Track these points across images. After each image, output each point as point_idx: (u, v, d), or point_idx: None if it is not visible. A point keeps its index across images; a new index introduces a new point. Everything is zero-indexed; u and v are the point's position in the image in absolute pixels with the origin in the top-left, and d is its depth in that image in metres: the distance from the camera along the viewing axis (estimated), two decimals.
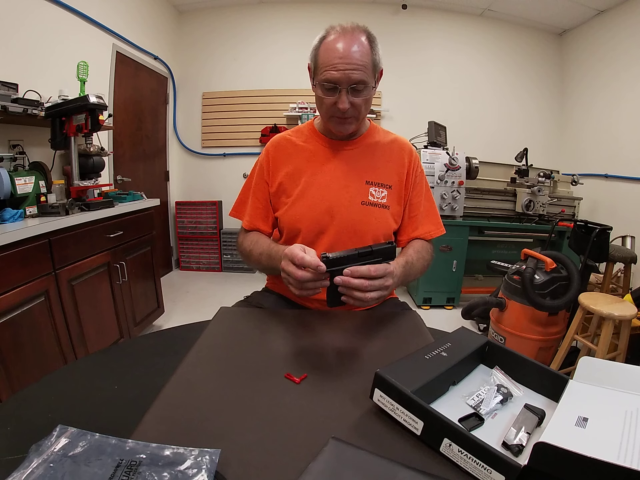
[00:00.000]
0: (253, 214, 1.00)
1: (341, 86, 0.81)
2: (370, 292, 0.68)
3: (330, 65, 0.81)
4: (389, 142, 1.00)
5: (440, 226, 1.03)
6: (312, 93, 0.92)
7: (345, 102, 0.82)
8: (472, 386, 0.53)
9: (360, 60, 0.80)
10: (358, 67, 0.80)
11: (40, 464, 0.35)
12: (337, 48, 0.81)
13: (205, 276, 3.71)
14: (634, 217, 2.87)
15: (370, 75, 0.83)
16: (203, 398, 0.50)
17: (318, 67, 0.85)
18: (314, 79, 0.88)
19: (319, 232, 0.94)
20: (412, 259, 0.90)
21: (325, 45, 0.83)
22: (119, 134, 2.86)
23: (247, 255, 0.97)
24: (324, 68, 0.82)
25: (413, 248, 0.95)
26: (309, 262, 0.66)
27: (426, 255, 0.96)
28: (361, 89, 0.83)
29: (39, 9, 2.04)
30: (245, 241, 0.98)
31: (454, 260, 2.85)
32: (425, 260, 0.95)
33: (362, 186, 0.95)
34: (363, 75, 0.81)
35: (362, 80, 0.81)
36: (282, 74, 3.67)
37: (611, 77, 3.21)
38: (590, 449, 0.35)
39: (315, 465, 0.37)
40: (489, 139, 3.81)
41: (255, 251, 0.93)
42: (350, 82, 0.81)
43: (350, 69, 0.80)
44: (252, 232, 1.00)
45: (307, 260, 0.66)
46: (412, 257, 0.90)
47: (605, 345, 1.59)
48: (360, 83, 0.82)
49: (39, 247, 1.43)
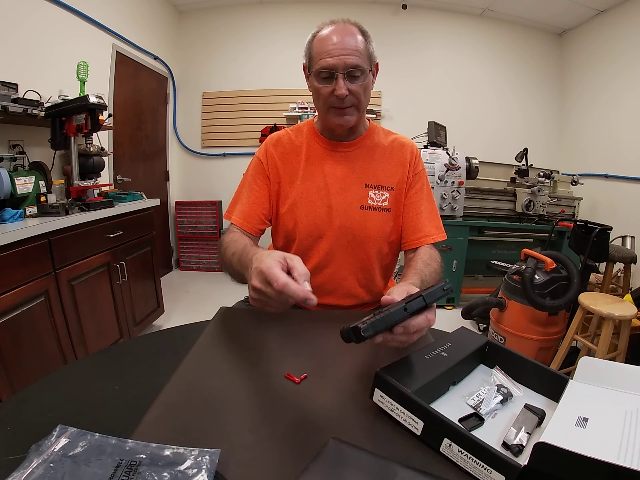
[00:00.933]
0: (245, 210, 0.93)
1: (337, 71, 0.80)
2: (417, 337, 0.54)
3: (325, 52, 0.80)
4: (390, 142, 0.97)
5: (442, 231, 0.97)
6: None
7: (343, 88, 0.80)
8: (472, 386, 0.53)
9: (354, 46, 0.80)
10: (353, 52, 0.80)
11: (40, 464, 0.35)
12: (330, 37, 0.81)
13: (205, 276, 3.71)
14: (634, 217, 2.87)
15: (365, 62, 0.82)
16: (203, 398, 0.50)
17: (313, 59, 0.84)
18: (310, 70, 0.86)
19: (317, 237, 0.93)
20: (425, 276, 0.79)
21: (318, 37, 0.83)
22: (119, 134, 2.86)
23: (222, 255, 0.85)
24: (318, 57, 0.82)
25: (422, 261, 0.85)
26: (295, 293, 0.50)
27: (436, 266, 0.86)
28: (358, 74, 0.81)
29: (39, 9, 2.04)
30: (226, 238, 0.87)
31: (454, 260, 2.85)
32: (437, 273, 0.85)
33: (361, 189, 0.93)
34: (358, 60, 0.80)
35: (358, 65, 0.80)
36: (282, 74, 3.67)
37: (611, 77, 3.21)
38: (590, 449, 0.35)
39: (315, 465, 0.37)
40: (489, 139, 3.81)
41: (229, 250, 0.81)
42: (346, 67, 0.80)
43: (345, 54, 0.79)
44: (237, 231, 0.91)
45: (293, 289, 0.50)
46: (424, 274, 0.79)
47: (605, 345, 1.59)
48: (357, 68, 0.80)
49: (39, 247, 1.43)
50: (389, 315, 0.47)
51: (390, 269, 1.04)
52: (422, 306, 0.50)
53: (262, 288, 0.55)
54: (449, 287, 0.53)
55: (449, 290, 0.53)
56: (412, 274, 0.79)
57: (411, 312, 0.49)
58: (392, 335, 0.49)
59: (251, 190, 0.95)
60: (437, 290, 0.52)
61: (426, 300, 0.50)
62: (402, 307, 0.48)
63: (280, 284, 0.50)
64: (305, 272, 0.53)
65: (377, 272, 0.99)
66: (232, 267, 0.79)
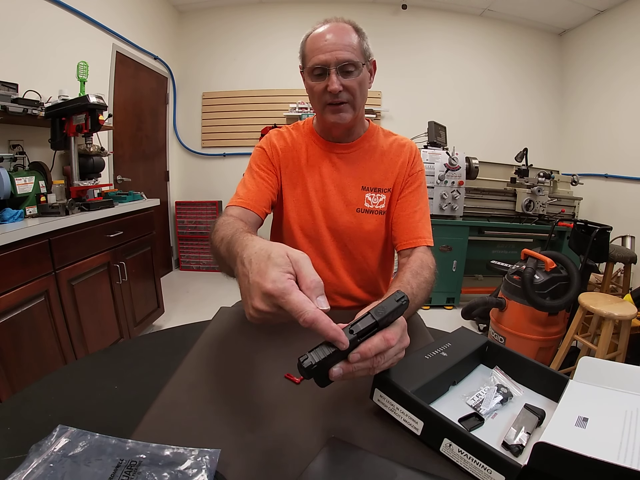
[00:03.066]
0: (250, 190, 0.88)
1: (330, 67, 0.79)
2: (387, 362, 0.44)
3: (317, 49, 0.80)
4: (389, 143, 0.96)
5: (431, 237, 0.90)
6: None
7: (335, 83, 0.79)
8: (472, 386, 0.53)
9: (346, 41, 0.80)
10: (345, 48, 0.79)
11: (40, 464, 0.35)
12: (323, 34, 0.80)
13: (205, 276, 3.71)
14: (634, 217, 2.87)
15: (359, 57, 0.81)
16: (203, 398, 0.50)
17: (306, 57, 0.84)
18: (303, 69, 0.86)
19: (314, 239, 0.93)
20: (412, 288, 0.70)
21: (312, 36, 0.83)
22: (119, 134, 2.86)
23: (211, 240, 0.71)
24: (311, 55, 0.81)
25: (411, 271, 0.75)
26: (325, 332, 0.38)
27: (427, 274, 0.77)
28: (351, 69, 0.80)
29: (39, 9, 2.04)
30: (219, 220, 0.75)
31: (454, 260, 2.85)
32: (428, 283, 0.76)
33: (358, 192, 0.92)
34: (351, 55, 0.79)
35: (350, 60, 0.79)
36: (282, 74, 3.67)
37: (611, 77, 3.21)
38: (590, 449, 0.35)
39: (315, 465, 0.37)
40: (489, 139, 3.81)
41: (219, 234, 0.66)
42: (339, 62, 0.79)
43: (337, 49, 0.79)
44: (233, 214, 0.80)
45: (323, 327, 0.37)
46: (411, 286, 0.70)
47: (605, 345, 1.59)
48: (349, 63, 0.79)
49: (39, 247, 1.43)
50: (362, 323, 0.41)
51: (388, 269, 1.04)
52: (371, 324, 0.41)
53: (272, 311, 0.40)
54: (402, 297, 0.43)
55: (403, 301, 0.43)
56: (396, 286, 0.70)
57: (359, 333, 0.40)
58: (350, 365, 0.40)
59: (256, 175, 0.91)
60: (387, 304, 0.43)
61: (374, 316, 0.41)
62: (346, 329, 0.40)
63: (309, 320, 0.37)
64: (318, 283, 0.40)
65: (375, 273, 0.99)
66: (220, 254, 0.63)
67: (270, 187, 0.91)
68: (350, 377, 0.41)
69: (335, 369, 0.40)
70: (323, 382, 0.41)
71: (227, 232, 0.63)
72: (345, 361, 0.40)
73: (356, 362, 0.40)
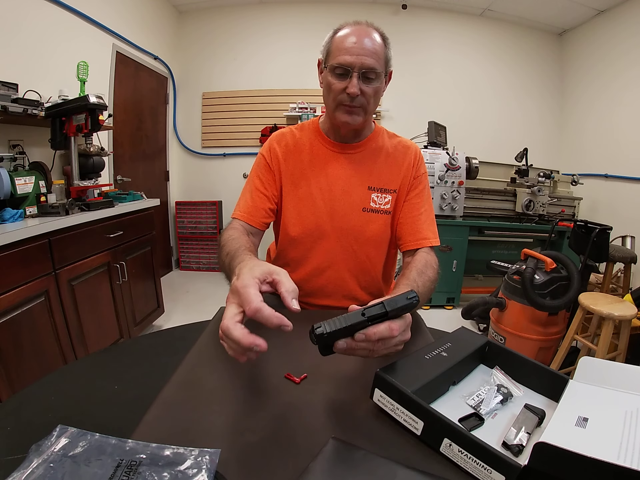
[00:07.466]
0: (249, 204, 0.92)
1: (353, 70, 0.80)
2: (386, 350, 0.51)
3: (344, 49, 0.80)
4: (394, 145, 0.97)
5: (437, 237, 0.93)
6: (312, 93, 0.91)
7: (355, 87, 0.80)
8: (472, 386, 0.53)
9: (373, 48, 0.80)
10: (371, 54, 0.80)
11: (40, 464, 0.35)
12: (351, 35, 0.81)
13: (205, 276, 3.71)
14: (634, 217, 2.87)
15: (382, 66, 0.82)
16: (203, 398, 0.50)
17: (331, 53, 0.83)
18: (326, 64, 0.85)
19: (318, 238, 0.93)
20: (418, 286, 0.74)
21: (340, 34, 0.83)
22: (119, 134, 2.86)
23: (219, 253, 0.80)
24: (337, 53, 0.81)
25: (417, 269, 0.80)
26: (268, 320, 0.44)
27: (432, 273, 0.82)
28: (373, 77, 0.81)
29: (39, 9, 2.04)
30: (225, 234, 0.82)
31: (454, 260, 2.85)
32: (432, 281, 0.81)
33: (364, 192, 0.93)
34: (375, 63, 0.80)
35: (374, 67, 0.80)
36: (282, 74, 3.66)
37: (611, 77, 3.21)
38: (590, 449, 0.35)
39: (315, 465, 0.37)
40: (489, 139, 3.81)
41: (225, 249, 0.76)
42: (363, 67, 0.80)
43: (364, 54, 0.79)
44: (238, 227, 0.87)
45: (266, 316, 0.44)
46: (417, 284, 0.75)
47: (605, 345, 1.59)
48: (372, 70, 0.80)
49: (39, 247, 1.43)
50: (346, 317, 0.46)
51: (391, 270, 1.04)
52: (381, 312, 0.47)
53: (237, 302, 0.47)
54: (414, 296, 0.49)
55: (414, 300, 0.49)
56: (403, 284, 0.75)
57: (370, 317, 0.46)
58: (354, 342, 0.47)
59: (255, 185, 0.94)
60: (399, 299, 0.49)
61: (386, 307, 0.48)
62: (359, 311, 0.47)
63: (252, 309, 0.44)
64: (293, 289, 0.48)
65: (378, 274, 0.99)
66: (224, 267, 0.74)
67: (268, 198, 0.94)
68: (351, 353, 0.48)
69: (340, 342, 0.47)
70: (326, 351, 0.48)
71: (231, 248, 0.74)
72: (351, 338, 0.47)
73: (360, 342, 0.47)
